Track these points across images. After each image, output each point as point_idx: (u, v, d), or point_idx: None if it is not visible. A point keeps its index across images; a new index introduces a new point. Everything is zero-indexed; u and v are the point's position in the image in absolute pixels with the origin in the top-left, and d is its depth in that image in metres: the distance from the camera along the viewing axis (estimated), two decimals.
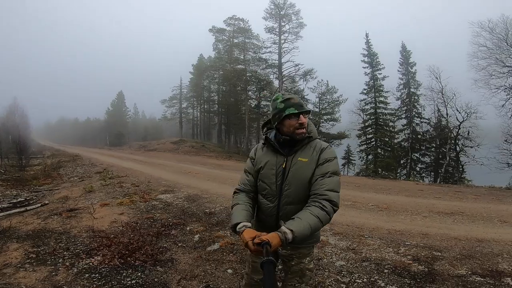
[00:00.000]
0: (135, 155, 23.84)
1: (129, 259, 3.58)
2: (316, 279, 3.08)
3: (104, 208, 6.15)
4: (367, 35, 25.42)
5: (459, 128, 19.52)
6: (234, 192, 1.84)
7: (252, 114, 30.85)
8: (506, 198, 7.38)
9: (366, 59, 25.31)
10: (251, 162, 1.83)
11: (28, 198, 7.49)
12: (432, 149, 23.03)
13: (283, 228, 1.42)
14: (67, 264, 3.52)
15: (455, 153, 20.14)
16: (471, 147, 19.31)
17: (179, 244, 4.12)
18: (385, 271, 3.28)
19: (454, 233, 4.57)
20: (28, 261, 3.60)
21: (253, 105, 30.28)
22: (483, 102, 17.34)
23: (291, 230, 1.40)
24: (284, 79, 27.03)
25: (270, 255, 1.30)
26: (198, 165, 15.39)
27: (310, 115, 1.74)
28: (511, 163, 16.30)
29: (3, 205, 6.61)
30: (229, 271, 3.31)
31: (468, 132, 19.33)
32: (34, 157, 22.85)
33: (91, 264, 3.50)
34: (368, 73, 25.26)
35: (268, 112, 28.14)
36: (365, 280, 3.10)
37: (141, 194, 7.36)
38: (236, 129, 35.17)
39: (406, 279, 3.09)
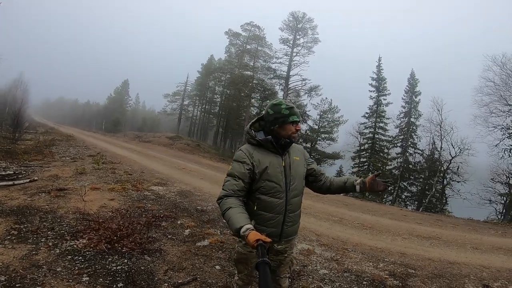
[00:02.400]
0: (130, 144, 23.71)
1: (116, 245, 3.52)
2: (300, 284, 3.20)
3: (94, 192, 6.09)
4: (379, 59, 25.39)
5: (450, 163, 19.91)
6: (220, 198, 1.75)
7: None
8: (481, 229, 7.81)
9: (374, 83, 25.30)
10: (246, 166, 1.79)
11: (16, 172, 7.24)
12: (420, 180, 23.32)
13: (357, 178, 2.01)
14: (50, 244, 3.42)
15: (441, 186, 20.49)
16: (458, 181, 19.70)
17: (169, 236, 4.13)
18: (364, 282, 3.46)
19: (429, 254, 4.85)
20: (8, 237, 3.46)
21: (254, 113, 30.38)
22: (478, 139, 17.48)
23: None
24: (289, 92, 27.14)
25: (265, 256, 1.34)
26: (193, 163, 15.39)
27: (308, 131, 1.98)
28: (493, 200, 16.63)
29: None
30: (217, 267, 3.37)
31: (458, 167, 19.73)
32: (27, 132, 22.58)
33: (75, 246, 3.42)
34: (373, 97, 25.23)
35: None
36: None
37: (134, 183, 7.35)
38: (234, 134, 35.14)
39: None
